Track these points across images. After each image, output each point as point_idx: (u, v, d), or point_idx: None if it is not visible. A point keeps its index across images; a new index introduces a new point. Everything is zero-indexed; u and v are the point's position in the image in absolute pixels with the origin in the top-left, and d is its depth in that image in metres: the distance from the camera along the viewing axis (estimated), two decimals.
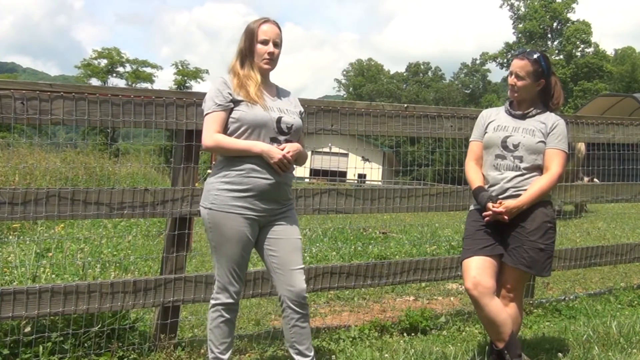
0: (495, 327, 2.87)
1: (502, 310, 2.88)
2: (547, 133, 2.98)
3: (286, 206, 2.76)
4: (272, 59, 2.73)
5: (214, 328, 2.70)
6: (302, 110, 2.88)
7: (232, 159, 2.63)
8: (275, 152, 2.60)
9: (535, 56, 2.98)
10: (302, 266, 2.74)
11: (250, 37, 2.71)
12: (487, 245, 2.93)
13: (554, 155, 2.97)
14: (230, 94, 2.63)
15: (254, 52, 2.71)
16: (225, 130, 2.64)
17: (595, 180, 9.25)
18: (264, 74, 2.75)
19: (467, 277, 2.90)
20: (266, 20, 2.73)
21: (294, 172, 2.82)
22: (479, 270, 2.87)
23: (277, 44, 2.74)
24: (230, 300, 2.69)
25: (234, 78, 2.69)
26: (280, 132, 2.67)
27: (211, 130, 2.61)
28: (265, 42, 2.71)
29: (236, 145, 2.60)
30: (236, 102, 2.63)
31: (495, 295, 2.89)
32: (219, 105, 2.62)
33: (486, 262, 2.90)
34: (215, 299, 2.71)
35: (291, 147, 2.65)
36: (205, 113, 2.66)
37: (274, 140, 2.65)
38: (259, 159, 2.61)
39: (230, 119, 2.64)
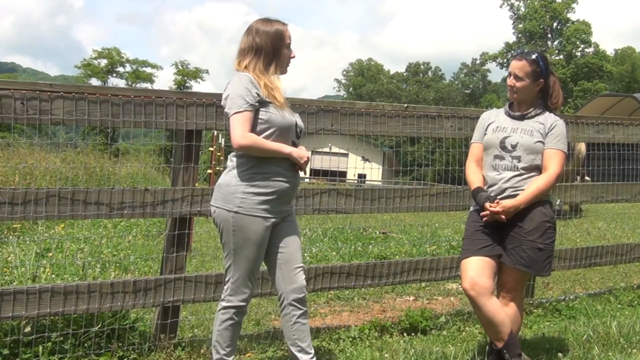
0: (493, 327, 2.87)
1: (500, 310, 2.88)
2: (545, 133, 2.99)
3: (291, 207, 2.82)
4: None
5: (223, 330, 2.69)
6: None
7: (258, 161, 2.60)
8: (303, 152, 2.66)
9: (533, 57, 2.99)
10: (303, 265, 2.79)
11: (278, 39, 2.67)
12: (485, 245, 2.94)
13: (552, 155, 2.97)
14: (258, 94, 2.59)
15: (281, 55, 2.69)
16: (252, 130, 2.60)
17: (587, 178, 9.20)
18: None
19: (464, 277, 2.91)
20: (285, 24, 2.73)
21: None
22: (476, 270, 2.88)
23: None
24: (243, 303, 2.70)
25: (259, 79, 2.63)
26: (297, 135, 2.72)
27: (244, 129, 2.54)
28: (289, 47, 2.73)
29: (269, 146, 2.59)
30: (263, 103, 2.60)
31: (493, 295, 2.89)
32: (251, 105, 2.56)
33: (484, 262, 2.90)
34: (227, 301, 2.69)
35: (304, 149, 2.71)
36: (234, 111, 2.55)
37: (293, 143, 2.69)
38: (283, 162, 2.63)
39: (259, 120, 2.60)
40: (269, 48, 2.66)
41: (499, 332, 2.86)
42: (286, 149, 2.62)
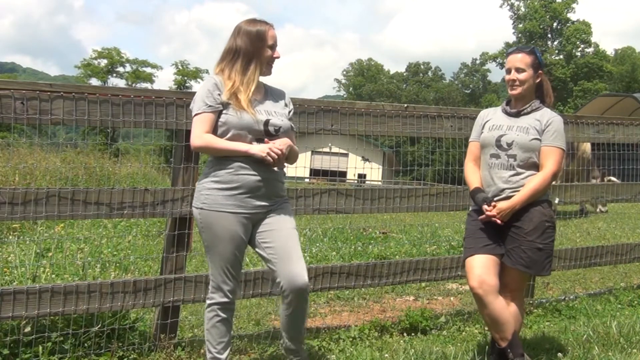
0: (499, 326, 2.86)
1: (506, 309, 2.88)
2: (542, 130, 2.96)
3: (278, 203, 2.75)
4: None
5: (211, 328, 2.71)
6: (292, 109, 2.86)
7: (221, 158, 2.64)
8: (261, 148, 2.60)
9: (528, 49, 3.04)
10: (300, 255, 2.69)
11: (259, 40, 2.68)
12: (488, 243, 2.93)
13: (548, 153, 2.95)
14: (220, 96, 2.62)
15: (262, 56, 2.70)
16: (215, 132, 2.63)
17: (613, 179, 9.00)
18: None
19: (471, 276, 2.88)
20: (269, 24, 2.73)
21: (285, 169, 2.81)
22: (483, 268, 2.86)
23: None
24: (225, 300, 2.69)
25: (228, 81, 2.65)
26: (268, 134, 2.67)
27: (200, 130, 2.60)
28: (273, 47, 2.73)
29: (224, 146, 2.61)
30: (225, 106, 2.63)
31: (498, 294, 2.89)
32: (209, 106, 2.62)
33: (489, 260, 2.89)
34: (210, 298, 2.72)
35: (280, 142, 2.64)
36: (194, 113, 2.64)
37: (260, 141, 2.65)
38: (247, 157, 2.61)
39: (219, 122, 2.63)
40: (248, 49, 2.67)
41: (504, 331, 2.86)
42: (242, 147, 2.59)
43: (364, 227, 7.86)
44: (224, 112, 2.62)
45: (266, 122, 2.66)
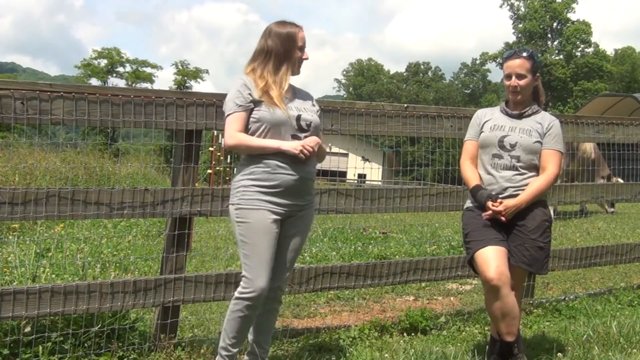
0: (509, 320, 2.87)
1: (517, 303, 2.90)
2: (543, 133, 3.01)
3: (308, 202, 2.83)
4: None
5: (231, 320, 2.72)
6: (319, 109, 2.96)
7: (257, 156, 2.69)
8: (293, 144, 2.66)
9: (527, 53, 3.05)
10: (287, 266, 2.84)
11: (290, 42, 2.76)
12: (497, 236, 2.93)
13: (550, 155, 3.00)
14: (250, 95, 2.69)
15: (292, 57, 2.77)
16: (247, 130, 2.71)
17: (619, 179, 8.97)
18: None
19: (488, 267, 2.82)
20: (298, 26, 2.80)
21: (316, 168, 2.86)
22: (499, 260, 2.84)
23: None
24: (251, 295, 2.66)
25: (260, 80, 2.72)
26: (300, 129, 2.74)
27: (232, 129, 2.68)
28: (302, 49, 2.80)
29: (256, 143, 2.68)
30: (256, 103, 2.69)
31: None
32: (240, 106, 2.69)
33: (502, 252, 2.89)
34: (239, 292, 2.71)
35: (310, 140, 2.71)
36: (226, 114, 2.72)
37: (294, 137, 2.72)
38: (283, 156, 2.67)
39: (252, 119, 2.70)
40: (280, 50, 2.74)
41: (513, 325, 2.88)
42: (274, 143, 2.66)
43: (364, 227, 7.86)
44: (255, 109, 2.69)
45: (298, 117, 2.74)
